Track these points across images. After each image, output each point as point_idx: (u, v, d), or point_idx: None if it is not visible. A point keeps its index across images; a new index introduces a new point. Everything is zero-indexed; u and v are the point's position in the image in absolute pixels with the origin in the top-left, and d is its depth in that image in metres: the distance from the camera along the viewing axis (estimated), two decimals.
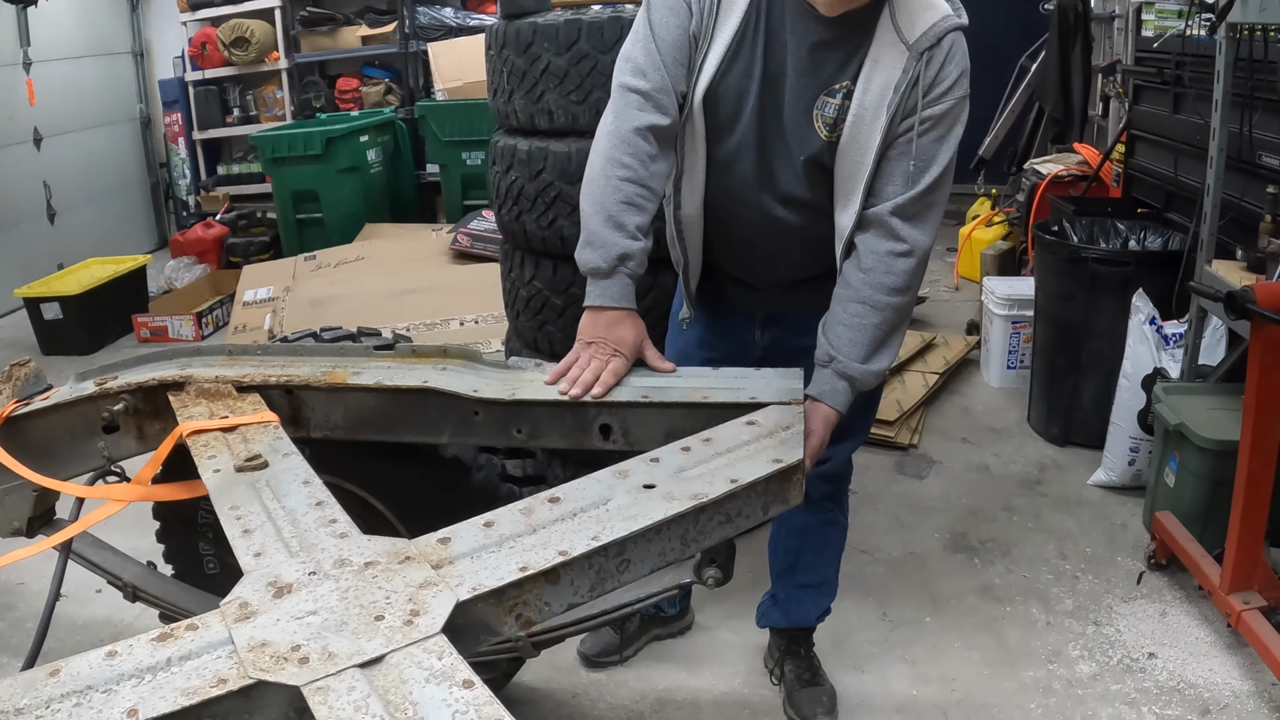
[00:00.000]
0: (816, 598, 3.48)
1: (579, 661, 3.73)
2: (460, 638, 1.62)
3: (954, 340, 6.33)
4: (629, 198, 2.58)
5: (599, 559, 1.88)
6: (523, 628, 1.82)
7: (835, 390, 2.62)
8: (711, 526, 2.04)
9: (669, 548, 1.99)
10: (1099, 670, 3.58)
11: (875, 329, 2.61)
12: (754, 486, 2.09)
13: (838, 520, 3.39)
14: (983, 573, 4.19)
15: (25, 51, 9.09)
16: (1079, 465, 5.01)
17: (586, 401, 2.47)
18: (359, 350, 2.74)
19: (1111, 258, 4.98)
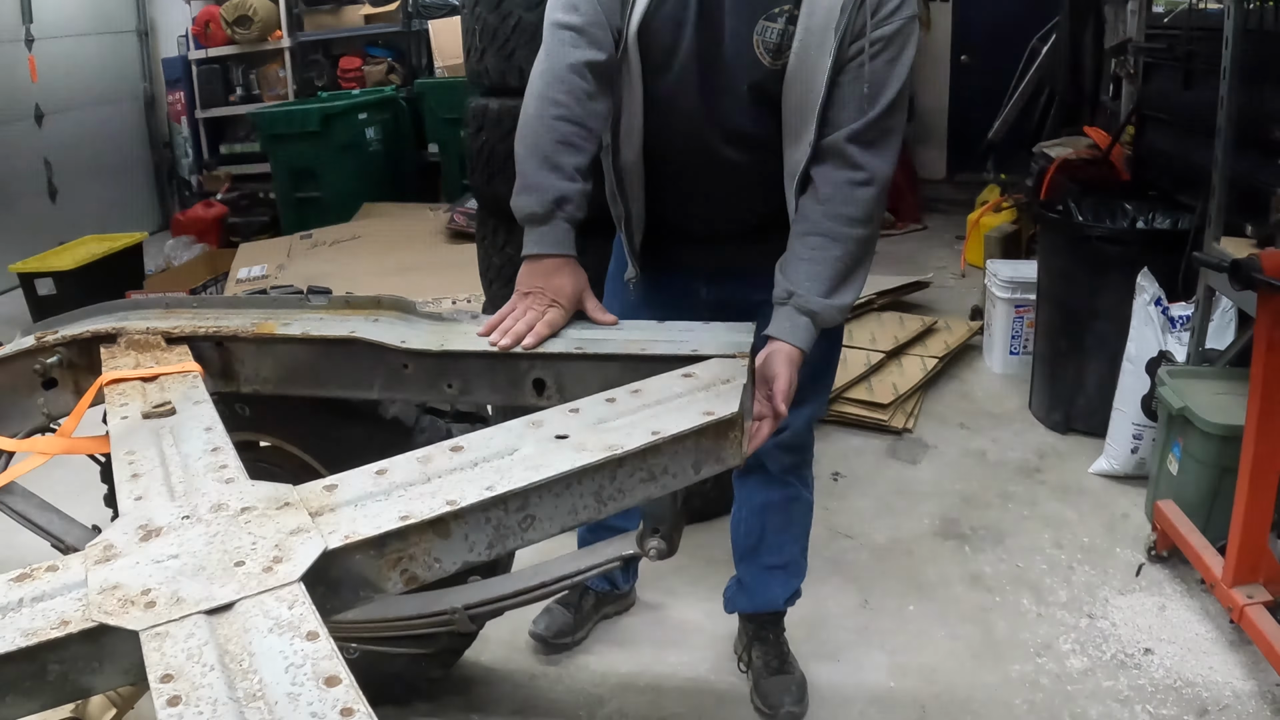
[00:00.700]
0: (784, 579, 3.27)
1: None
2: (336, 590, 1.55)
3: (956, 325, 6.08)
4: (565, 137, 2.41)
5: (496, 512, 1.67)
6: (407, 584, 1.64)
7: (796, 327, 2.39)
8: (632, 484, 1.80)
9: (581, 505, 1.75)
10: (1091, 665, 3.34)
11: (836, 262, 2.42)
12: (680, 441, 1.84)
13: (801, 496, 3.19)
14: (972, 561, 3.95)
15: (28, 28, 8.99)
16: (1080, 453, 4.74)
17: (518, 353, 2.26)
18: (292, 302, 2.60)
19: (1116, 236, 4.72)
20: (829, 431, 5.04)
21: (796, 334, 2.39)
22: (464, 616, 2.52)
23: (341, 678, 1.22)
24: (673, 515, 2.26)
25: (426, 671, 3.11)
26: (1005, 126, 7.97)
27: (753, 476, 3.12)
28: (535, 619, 3.53)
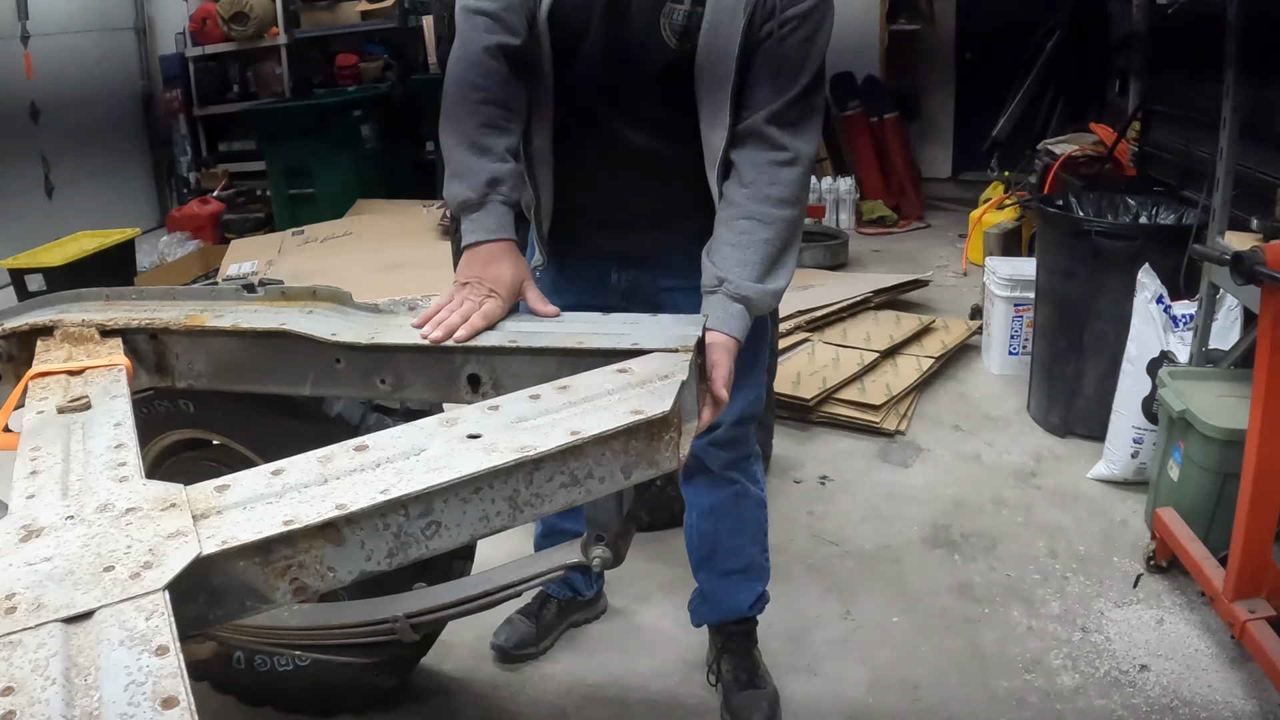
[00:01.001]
0: (745, 584, 3.10)
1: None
2: (219, 600, 1.43)
3: (955, 324, 5.89)
4: (489, 119, 2.31)
5: (395, 518, 1.50)
6: (297, 595, 1.49)
7: (729, 315, 2.25)
8: (552, 489, 1.62)
9: (493, 511, 1.57)
10: (1082, 683, 3.14)
11: (766, 245, 2.31)
12: (605, 442, 1.66)
13: (749, 492, 3.01)
14: (962, 570, 3.75)
15: (23, 25, 8.90)
16: (1079, 457, 4.54)
17: (450, 347, 2.09)
18: (228, 293, 2.47)
19: (1117, 231, 4.50)
20: (817, 433, 4.86)
21: (730, 322, 2.24)
22: (406, 625, 2.37)
23: (180, 699, 1.11)
24: (619, 522, 2.09)
25: (378, 680, 2.93)
26: (1010, 123, 7.80)
27: (697, 479, 2.97)
28: (496, 630, 3.37)
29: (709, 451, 2.87)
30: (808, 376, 5.03)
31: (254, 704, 3.08)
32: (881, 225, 8.73)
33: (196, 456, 2.84)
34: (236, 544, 1.39)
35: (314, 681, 2.92)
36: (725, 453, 2.90)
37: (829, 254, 7.44)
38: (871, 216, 8.76)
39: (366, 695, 2.99)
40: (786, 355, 5.25)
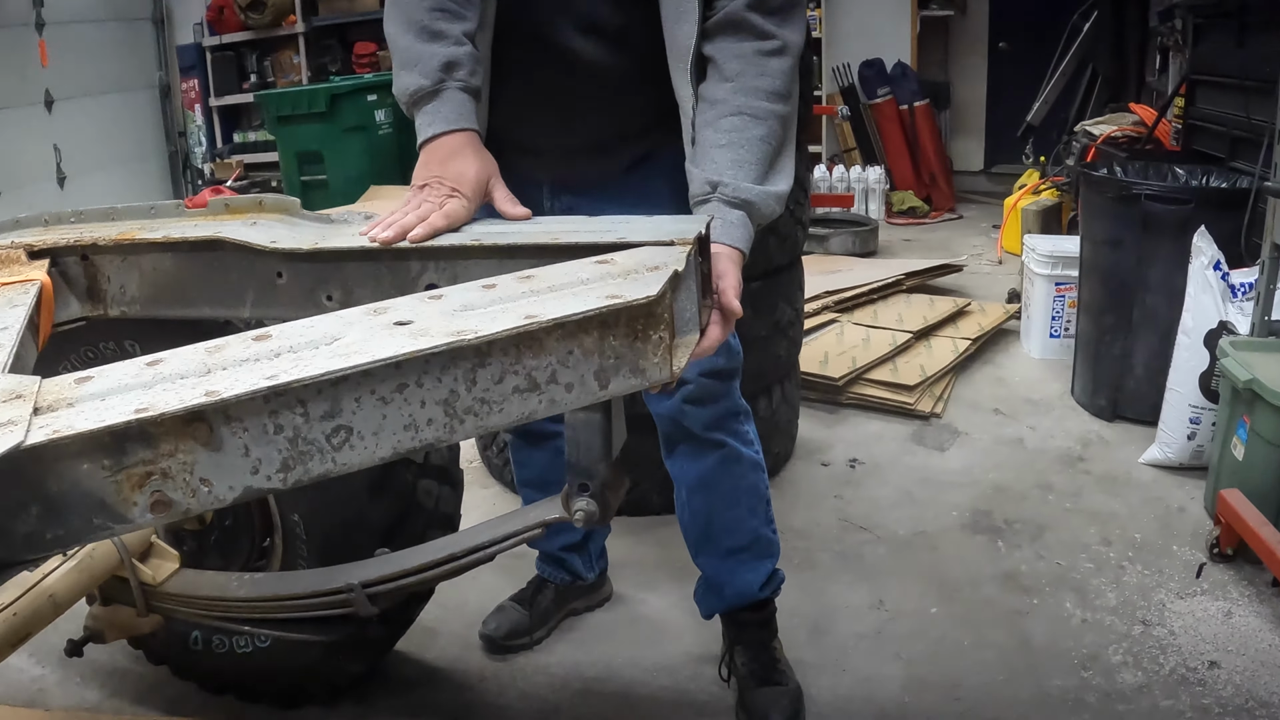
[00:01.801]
0: (752, 562, 2.69)
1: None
2: (59, 513, 1.12)
3: (991, 308, 5.48)
4: (440, 4, 1.98)
5: (290, 418, 1.10)
6: (160, 513, 1.13)
7: (729, 224, 1.89)
8: (501, 395, 1.22)
9: (422, 418, 1.18)
10: (1146, 681, 2.73)
11: (761, 143, 1.96)
12: (571, 335, 1.25)
13: (740, 455, 2.61)
14: (1007, 558, 3.34)
15: (38, 12, 8.74)
16: (1129, 442, 4.12)
17: (405, 249, 1.69)
18: (169, 209, 2.14)
19: (1168, 194, 4.08)
20: (846, 415, 4.46)
21: (731, 231, 1.89)
22: (361, 595, 2.00)
23: None
24: (606, 469, 1.69)
25: (344, 665, 2.54)
26: (1045, 107, 7.44)
27: (679, 449, 2.60)
28: (485, 618, 2.98)
29: (686, 411, 2.49)
30: (836, 356, 4.64)
31: (215, 691, 2.72)
32: (912, 216, 8.33)
33: None
34: (71, 434, 1.05)
35: (275, 665, 2.54)
36: (704, 410, 2.52)
37: (858, 241, 7.05)
38: (902, 207, 8.36)
39: (331, 682, 2.60)
40: (813, 335, 4.85)
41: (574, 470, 1.71)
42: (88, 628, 2.31)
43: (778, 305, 3.62)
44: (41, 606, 2.06)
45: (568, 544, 2.99)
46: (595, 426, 1.64)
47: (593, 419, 1.64)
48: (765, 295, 3.55)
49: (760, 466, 2.66)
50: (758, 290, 3.49)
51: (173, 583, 2.25)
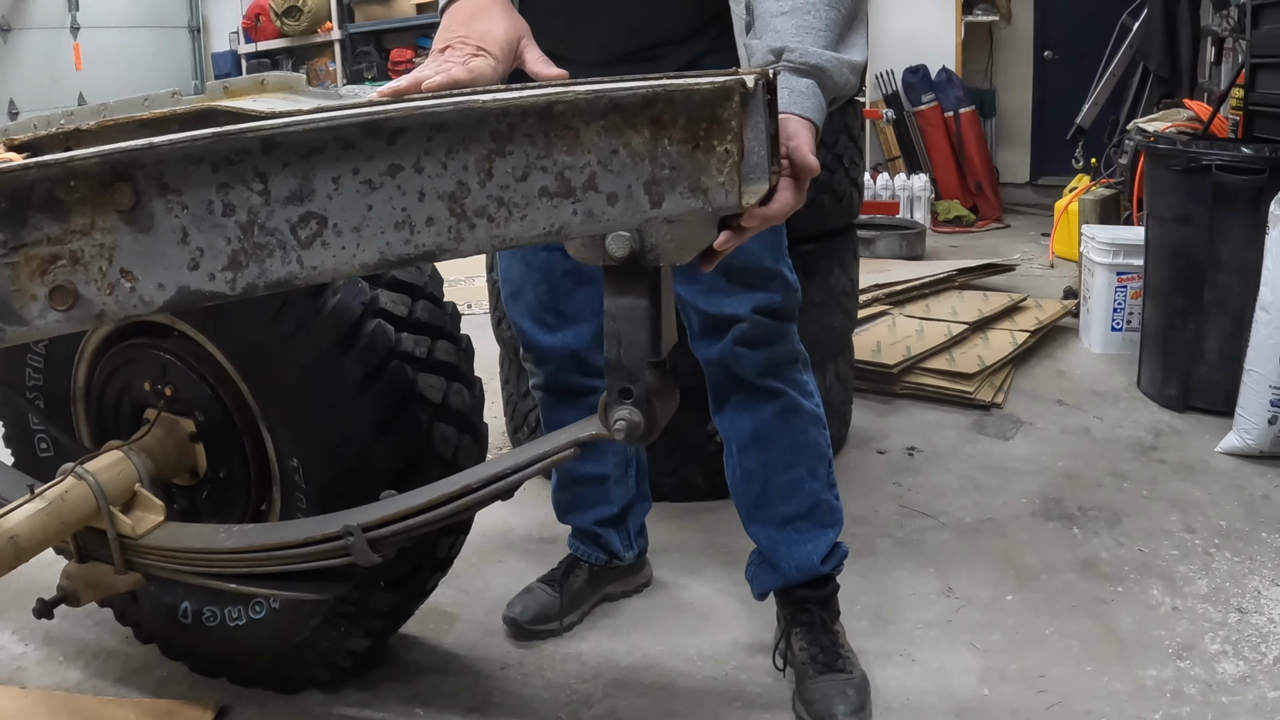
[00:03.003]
0: (813, 532, 2.35)
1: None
2: None
3: (1048, 303, 5.16)
4: None
5: (245, 195, 0.80)
6: (61, 308, 0.85)
7: (796, 92, 1.61)
8: (525, 194, 0.92)
9: (419, 216, 0.86)
10: (1249, 671, 2.39)
11: (829, 8, 1.70)
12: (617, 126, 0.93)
13: (799, 406, 2.29)
14: (1084, 545, 3.00)
15: (74, 16, 8.76)
16: (1203, 431, 3.78)
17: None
18: (163, 98, 1.94)
19: (1241, 163, 3.74)
20: (901, 405, 4.13)
21: (799, 100, 1.61)
22: (361, 540, 1.67)
23: None
24: (653, 371, 1.36)
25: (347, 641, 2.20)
26: (1095, 109, 7.14)
27: (730, 402, 2.29)
28: (511, 601, 2.65)
29: (739, 354, 2.20)
30: (889, 345, 4.32)
31: (207, 672, 2.40)
32: (958, 225, 7.99)
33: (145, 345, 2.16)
34: None
35: (270, 639, 2.21)
36: (759, 354, 2.22)
37: (905, 244, 6.74)
38: (948, 216, 8.03)
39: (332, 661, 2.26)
40: (865, 327, 4.53)
41: (614, 371, 1.39)
42: (61, 587, 2.00)
43: (832, 271, 3.33)
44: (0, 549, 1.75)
45: (603, 518, 2.66)
46: (641, 316, 1.32)
47: (638, 306, 1.32)
48: (820, 259, 3.28)
49: (821, 421, 2.34)
50: (811, 253, 3.23)
51: (155, 535, 1.93)
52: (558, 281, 2.35)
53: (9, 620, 2.73)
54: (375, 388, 1.94)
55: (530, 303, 2.39)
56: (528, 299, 2.39)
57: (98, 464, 1.97)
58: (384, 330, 1.98)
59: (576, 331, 2.38)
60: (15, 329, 0.79)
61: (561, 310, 2.37)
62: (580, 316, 2.37)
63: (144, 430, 2.12)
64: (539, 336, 2.41)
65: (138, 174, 0.77)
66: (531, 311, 2.39)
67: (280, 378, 1.97)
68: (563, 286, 2.35)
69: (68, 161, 0.74)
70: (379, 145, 0.83)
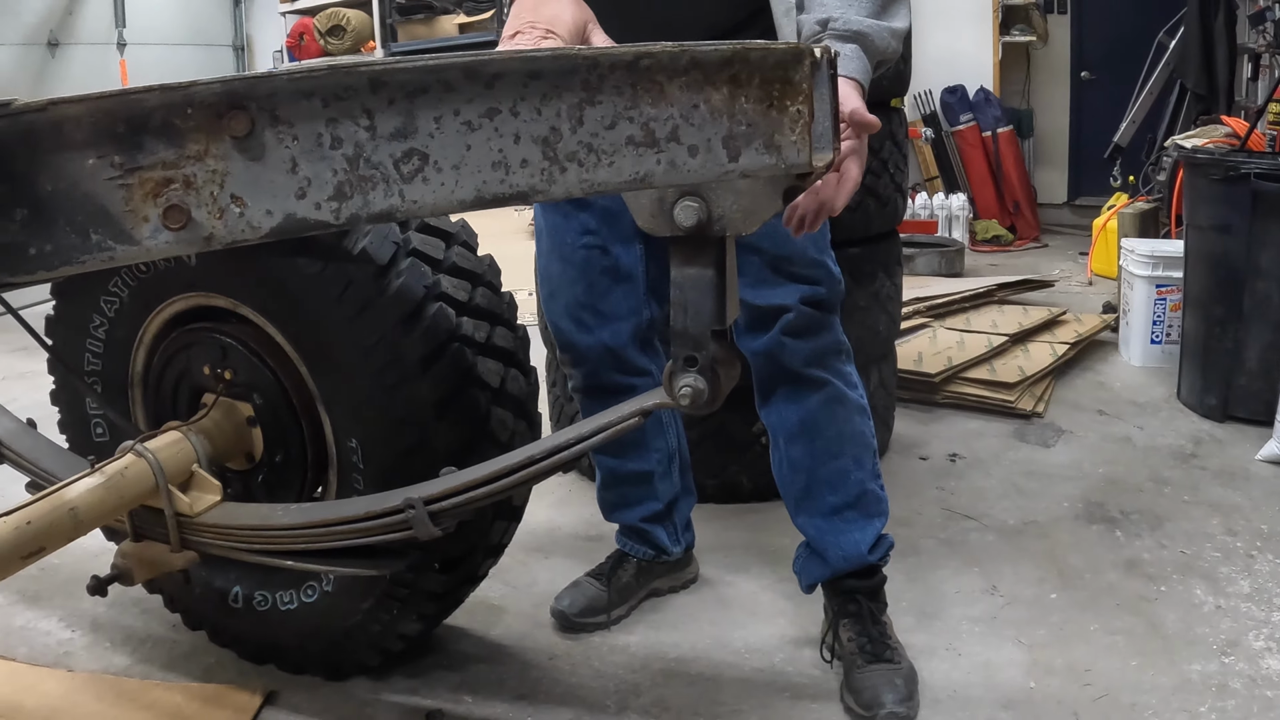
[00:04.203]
0: (860, 521, 2.37)
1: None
2: (49, 221, 0.83)
3: (1087, 318, 5.17)
4: None
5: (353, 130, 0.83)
6: (174, 225, 0.89)
7: (844, 55, 1.76)
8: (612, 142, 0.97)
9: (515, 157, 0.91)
10: None
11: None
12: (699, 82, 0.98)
13: (844, 396, 2.33)
14: (1127, 546, 3.00)
15: (120, 32, 8.80)
16: (1243, 440, 3.78)
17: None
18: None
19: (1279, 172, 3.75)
20: (942, 414, 4.14)
21: (845, 63, 1.76)
22: (423, 514, 1.69)
23: None
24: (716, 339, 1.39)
25: (398, 625, 2.22)
26: (1133, 127, 7.13)
27: (777, 394, 2.32)
28: (559, 594, 2.68)
29: (785, 345, 2.23)
30: (931, 356, 4.33)
31: (255, 659, 2.42)
32: (997, 244, 7.99)
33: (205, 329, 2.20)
34: (77, 105, 0.83)
35: (320, 623, 2.23)
36: (805, 343, 2.25)
37: (945, 261, 6.74)
38: (986, 236, 8.03)
39: (382, 645, 2.27)
40: (906, 338, 4.54)
41: (680, 340, 1.41)
42: (115, 565, 2.02)
43: (877, 275, 3.36)
44: (60, 520, 1.78)
45: (650, 515, 2.68)
46: (707, 285, 1.35)
47: (704, 276, 1.35)
48: (865, 262, 3.31)
49: (866, 411, 2.38)
50: (857, 256, 3.26)
51: (211, 514, 1.97)
52: (595, 279, 2.39)
53: (56, 606, 2.77)
54: (436, 369, 1.98)
55: (568, 301, 2.43)
56: (565, 297, 2.43)
57: (157, 443, 2.01)
58: (445, 313, 2.01)
59: (614, 330, 2.42)
60: (126, 248, 0.83)
61: (599, 308, 2.41)
62: (618, 314, 2.41)
63: (203, 412, 2.16)
64: (577, 336, 2.45)
65: (252, 104, 0.81)
66: (569, 310, 2.43)
67: (342, 359, 2.00)
68: (600, 285, 2.39)
69: (188, 87, 0.77)
70: (478, 89, 0.86)
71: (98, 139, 0.80)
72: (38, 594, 2.83)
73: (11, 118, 0.77)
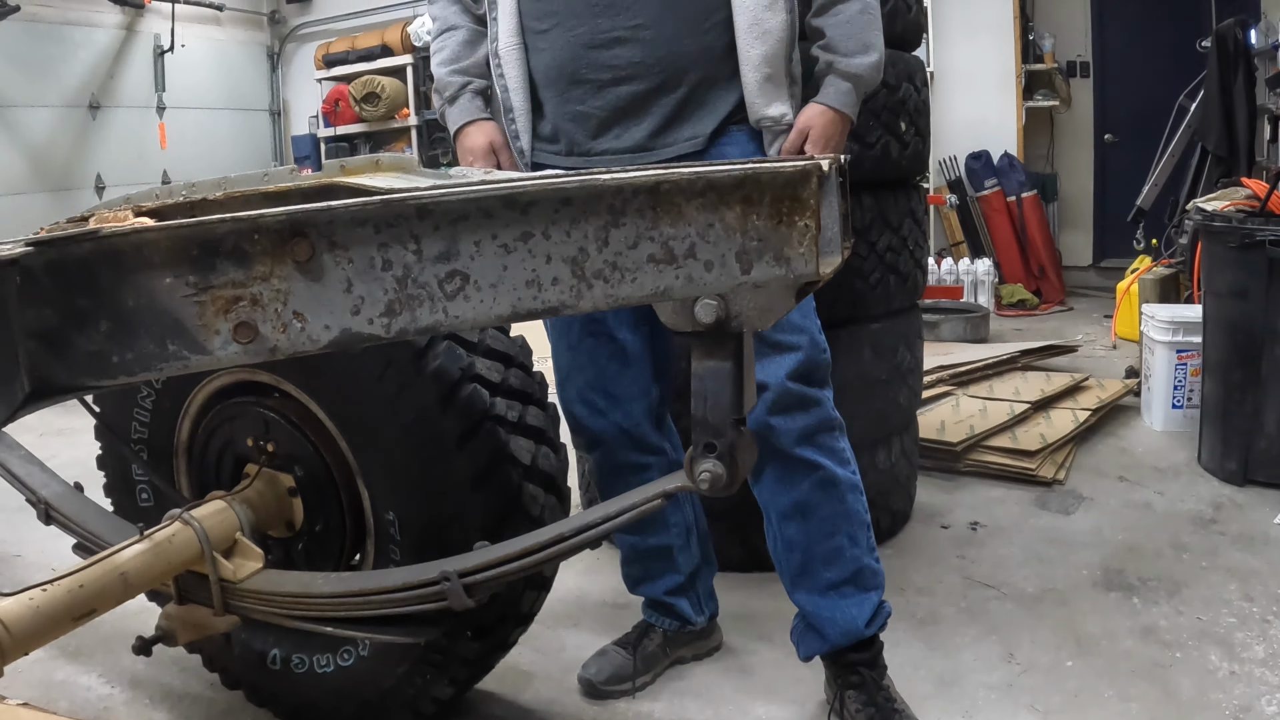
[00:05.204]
0: (856, 596, 2.45)
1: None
2: (131, 332, 0.96)
3: (1110, 383, 5.22)
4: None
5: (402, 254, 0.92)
6: (244, 340, 1.00)
7: (841, 93, 2.32)
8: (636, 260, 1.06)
9: (546, 276, 1.00)
10: None
11: (866, 20, 2.35)
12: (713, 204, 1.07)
13: (836, 477, 2.38)
14: (1144, 613, 3.06)
15: (160, 96, 9.01)
16: (1263, 504, 3.83)
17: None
18: (283, 173, 2.05)
19: None
20: (965, 482, 4.19)
21: (842, 99, 2.31)
22: (458, 586, 1.80)
23: None
24: (733, 426, 1.48)
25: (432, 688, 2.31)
26: (1155, 190, 7.23)
27: (768, 472, 2.39)
28: (586, 662, 2.76)
29: (774, 425, 2.30)
30: (953, 424, 4.39)
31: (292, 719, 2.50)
32: (1022, 308, 8.06)
33: (249, 403, 2.31)
34: (158, 231, 0.94)
35: (356, 686, 2.32)
36: (794, 421, 2.32)
37: (969, 327, 6.81)
38: (1011, 300, 8.10)
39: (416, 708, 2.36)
40: (929, 406, 4.62)
41: (700, 427, 1.50)
42: (160, 627, 2.13)
43: (898, 349, 3.44)
44: (111, 583, 1.88)
45: (673, 587, 2.77)
46: (725, 376, 1.44)
47: (723, 368, 1.44)
48: (886, 337, 3.39)
49: (858, 488, 2.44)
50: (879, 331, 3.35)
51: (254, 580, 2.06)
52: (604, 365, 2.49)
53: (96, 663, 2.87)
54: (470, 446, 2.07)
55: (579, 386, 2.54)
56: (576, 383, 2.54)
57: (203, 511, 2.11)
58: (480, 394, 2.11)
59: (626, 411, 2.52)
60: (199, 358, 0.93)
61: (610, 391, 2.52)
62: (629, 396, 2.51)
63: (246, 482, 2.26)
64: (590, 420, 2.56)
65: (313, 231, 0.91)
66: (581, 395, 2.55)
67: (381, 435, 2.10)
68: (609, 369, 2.49)
69: (256, 218, 0.87)
70: (515, 214, 0.96)
71: (175, 261, 0.90)
72: (78, 649, 2.93)
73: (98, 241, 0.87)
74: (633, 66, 2.26)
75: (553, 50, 2.33)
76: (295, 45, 10.40)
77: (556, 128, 2.37)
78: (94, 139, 8.57)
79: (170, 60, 8.98)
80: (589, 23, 2.27)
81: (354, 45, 9.69)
